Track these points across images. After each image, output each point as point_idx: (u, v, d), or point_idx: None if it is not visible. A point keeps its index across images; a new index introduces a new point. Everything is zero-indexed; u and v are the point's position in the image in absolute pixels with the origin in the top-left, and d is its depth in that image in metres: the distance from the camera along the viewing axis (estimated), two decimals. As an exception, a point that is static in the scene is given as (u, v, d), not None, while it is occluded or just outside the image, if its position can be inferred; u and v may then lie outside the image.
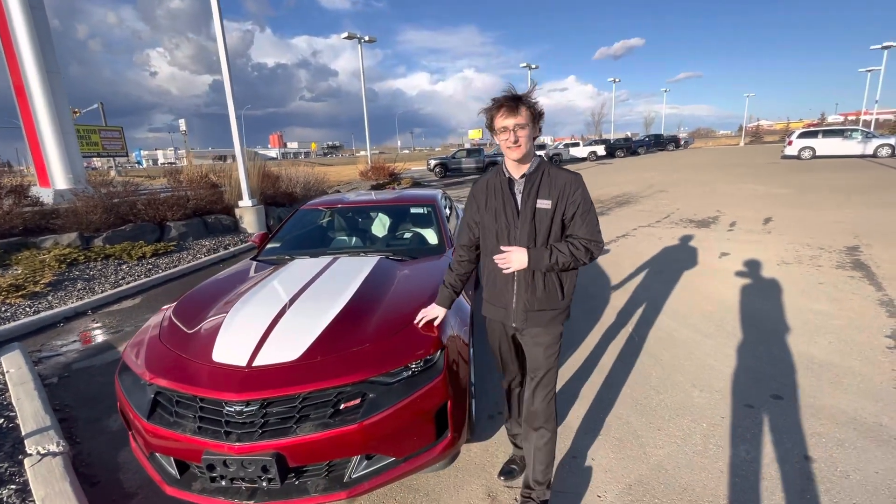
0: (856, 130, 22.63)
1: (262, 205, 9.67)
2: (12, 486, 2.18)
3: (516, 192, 1.82)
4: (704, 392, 2.86)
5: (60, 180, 10.13)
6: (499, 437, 2.51)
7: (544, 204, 1.76)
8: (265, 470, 1.68)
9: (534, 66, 32.35)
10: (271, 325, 2.05)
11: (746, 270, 5.38)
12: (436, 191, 4.66)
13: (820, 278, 4.96)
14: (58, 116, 10.01)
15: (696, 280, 5.15)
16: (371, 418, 1.75)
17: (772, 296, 4.50)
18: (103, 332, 4.41)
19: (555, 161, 28.19)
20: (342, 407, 1.78)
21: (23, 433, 2.58)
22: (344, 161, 57.35)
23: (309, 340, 1.93)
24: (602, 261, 6.04)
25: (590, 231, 1.75)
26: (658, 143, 42.65)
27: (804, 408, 2.64)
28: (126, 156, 26.65)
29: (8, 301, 4.95)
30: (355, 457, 1.81)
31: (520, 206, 1.80)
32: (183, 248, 7.76)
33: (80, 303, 5.04)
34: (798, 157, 22.79)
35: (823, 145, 22.55)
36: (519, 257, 1.72)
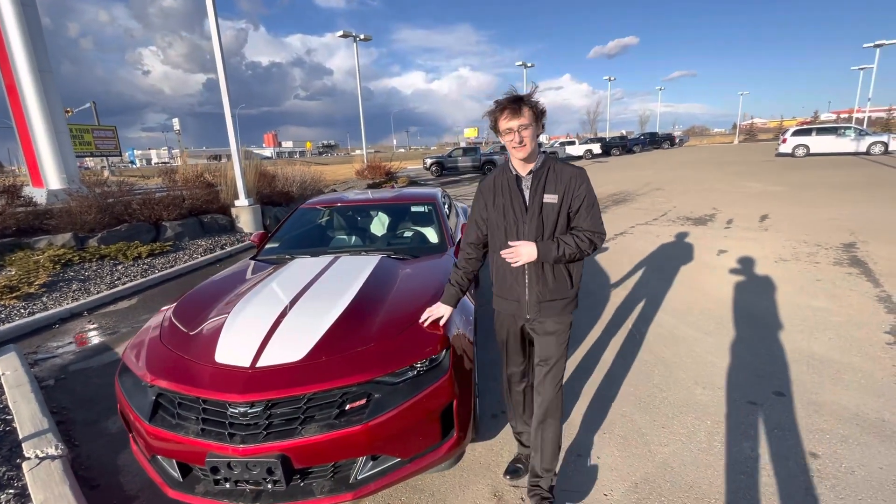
0: (849, 128, 22.76)
1: (258, 204, 9.61)
2: (11, 490, 2.15)
3: (524, 189, 1.87)
4: (707, 389, 2.86)
5: (54, 180, 10.04)
6: (503, 436, 2.49)
7: (551, 199, 1.81)
8: (270, 472, 1.66)
9: (529, 65, 32.34)
10: (274, 325, 2.02)
11: (744, 268, 5.39)
12: (435, 189, 4.63)
13: (817, 275, 4.98)
14: (50, 116, 9.91)
15: (694, 277, 5.16)
16: (377, 419, 1.73)
17: (770, 293, 4.52)
18: (99, 334, 4.36)
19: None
20: (348, 407, 1.76)
21: (20, 436, 2.54)
22: (339, 160, 57.13)
23: (313, 340, 1.91)
24: (601, 258, 6.05)
25: (594, 223, 1.84)
26: (653, 141, 42.82)
27: (807, 404, 2.65)
28: (119, 155, 26.45)
29: (2, 302, 4.89)
30: (361, 458, 1.79)
31: (528, 201, 1.84)
32: (179, 248, 7.70)
33: (75, 304, 4.99)
34: (792, 155, 22.91)
35: (817, 143, 22.68)
36: (528, 251, 1.78)
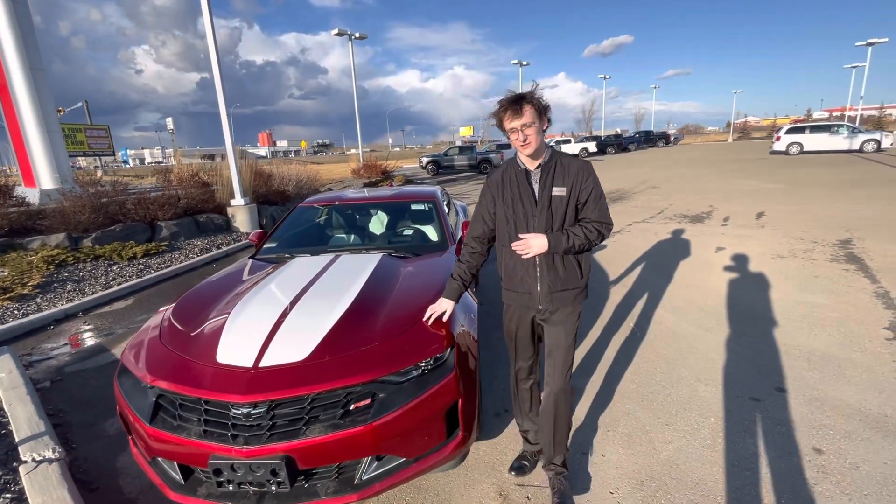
0: (842, 126, 22.92)
1: (254, 203, 9.55)
2: (8, 494, 2.11)
3: (533, 182, 1.90)
4: (709, 386, 2.86)
5: (46, 180, 9.92)
6: (507, 434, 2.48)
7: (560, 191, 1.86)
8: (274, 473, 1.63)
9: (525, 63, 32.36)
10: (276, 324, 1.99)
11: (742, 265, 5.41)
12: (435, 187, 4.61)
13: (815, 271, 5.00)
14: (42, 114, 9.79)
15: (693, 274, 5.17)
16: (382, 419, 1.71)
17: (769, 289, 4.53)
18: (95, 335, 4.30)
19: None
20: (352, 407, 1.74)
21: (16, 439, 2.50)
22: (335, 159, 56.89)
23: (316, 340, 1.88)
24: (599, 256, 6.05)
25: (601, 214, 1.89)
26: (648, 139, 42.97)
27: (809, 400, 2.65)
28: (112, 155, 26.21)
29: (-5, 304, 4.82)
30: (366, 458, 1.77)
31: (537, 194, 1.88)
32: (175, 247, 7.63)
33: (70, 305, 4.93)
34: (786, 153, 23.05)
35: (811, 141, 22.84)
36: (539, 242, 1.82)
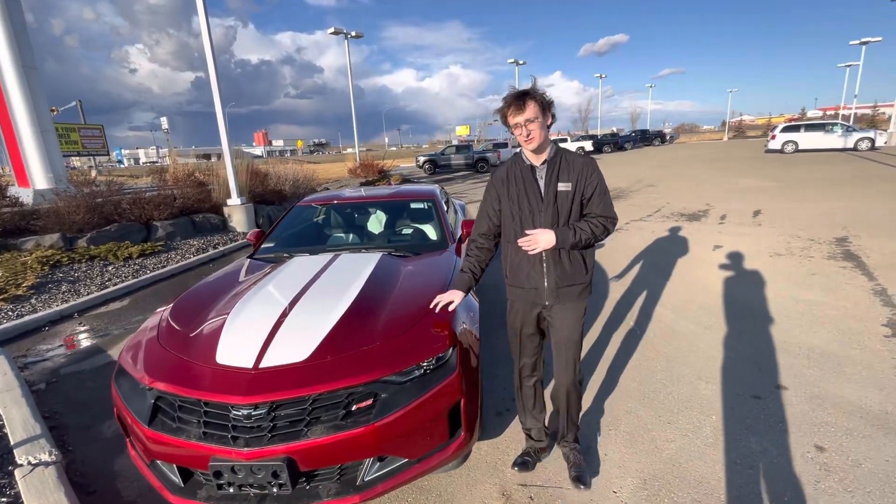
0: (837, 124, 23.03)
1: (251, 203, 9.49)
2: (3, 498, 2.08)
3: (538, 178, 1.90)
4: (711, 384, 2.86)
5: (40, 180, 9.84)
6: (509, 434, 2.47)
7: (565, 187, 1.88)
8: (276, 475, 1.61)
9: (521, 62, 32.32)
10: (276, 324, 1.97)
11: (740, 262, 5.42)
12: (434, 185, 4.59)
13: (812, 269, 5.01)
14: (36, 114, 9.69)
15: (691, 272, 5.17)
16: (384, 419, 1.69)
17: (767, 287, 4.54)
18: (91, 336, 4.26)
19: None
20: (354, 408, 1.72)
21: (11, 442, 2.47)
22: (331, 158, 56.75)
23: (317, 340, 1.86)
24: (598, 255, 6.05)
25: (606, 209, 1.91)
26: (644, 138, 43.09)
27: (810, 398, 2.65)
28: (107, 154, 25.99)
29: (-11, 305, 4.77)
30: (368, 459, 1.75)
31: (543, 190, 1.89)
32: (171, 247, 7.58)
33: (65, 305, 4.88)
34: (781, 151, 23.14)
35: (806, 139, 22.94)
36: (546, 238, 1.83)
